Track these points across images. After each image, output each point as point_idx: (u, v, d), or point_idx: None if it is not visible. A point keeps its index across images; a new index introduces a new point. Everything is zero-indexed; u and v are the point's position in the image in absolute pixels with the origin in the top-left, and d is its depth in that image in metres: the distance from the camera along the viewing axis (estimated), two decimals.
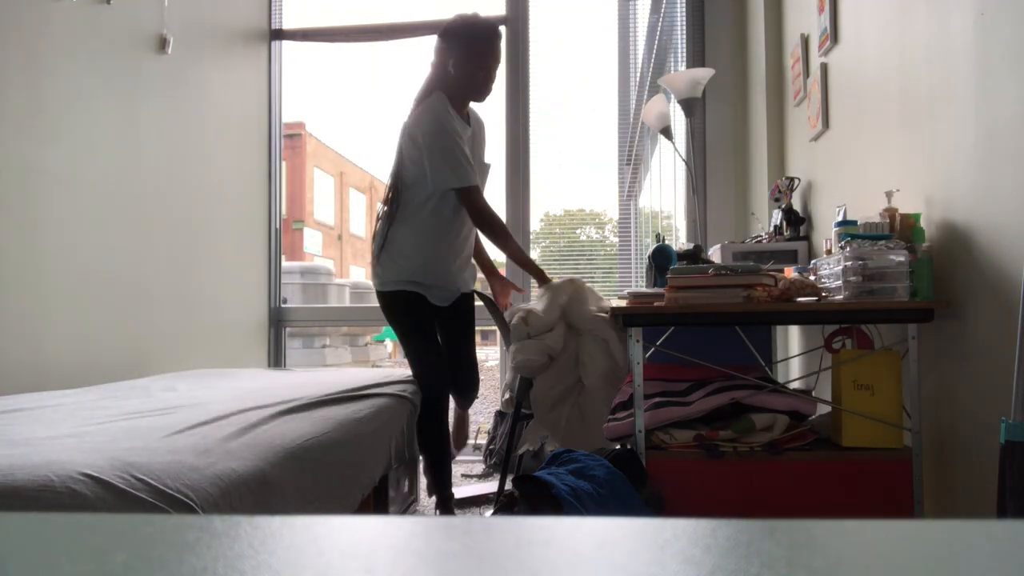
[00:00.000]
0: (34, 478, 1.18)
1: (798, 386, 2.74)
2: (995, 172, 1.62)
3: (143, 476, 1.24)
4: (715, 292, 1.99)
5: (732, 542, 0.31)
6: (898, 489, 1.94)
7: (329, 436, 1.81)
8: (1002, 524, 0.33)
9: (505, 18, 4.11)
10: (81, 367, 2.79)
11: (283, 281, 4.40)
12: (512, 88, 4.10)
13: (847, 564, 0.30)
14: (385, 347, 12.83)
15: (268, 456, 1.51)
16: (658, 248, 2.64)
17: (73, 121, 2.82)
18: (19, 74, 2.59)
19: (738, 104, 3.89)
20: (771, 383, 2.22)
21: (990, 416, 1.64)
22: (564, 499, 1.78)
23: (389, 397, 2.37)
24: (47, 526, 0.35)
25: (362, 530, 0.34)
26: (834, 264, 2.00)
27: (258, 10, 4.25)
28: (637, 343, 2.08)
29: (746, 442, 2.04)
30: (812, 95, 2.88)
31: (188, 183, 3.55)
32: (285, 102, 4.39)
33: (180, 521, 0.35)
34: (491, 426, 3.66)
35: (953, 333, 1.86)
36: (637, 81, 4.33)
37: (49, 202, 2.70)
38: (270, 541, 0.32)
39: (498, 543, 0.32)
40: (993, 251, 1.65)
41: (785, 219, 2.99)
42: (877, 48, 2.27)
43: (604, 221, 5.40)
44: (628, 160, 4.28)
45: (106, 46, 3.02)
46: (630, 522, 0.34)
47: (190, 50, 3.55)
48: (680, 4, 4.00)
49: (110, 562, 0.30)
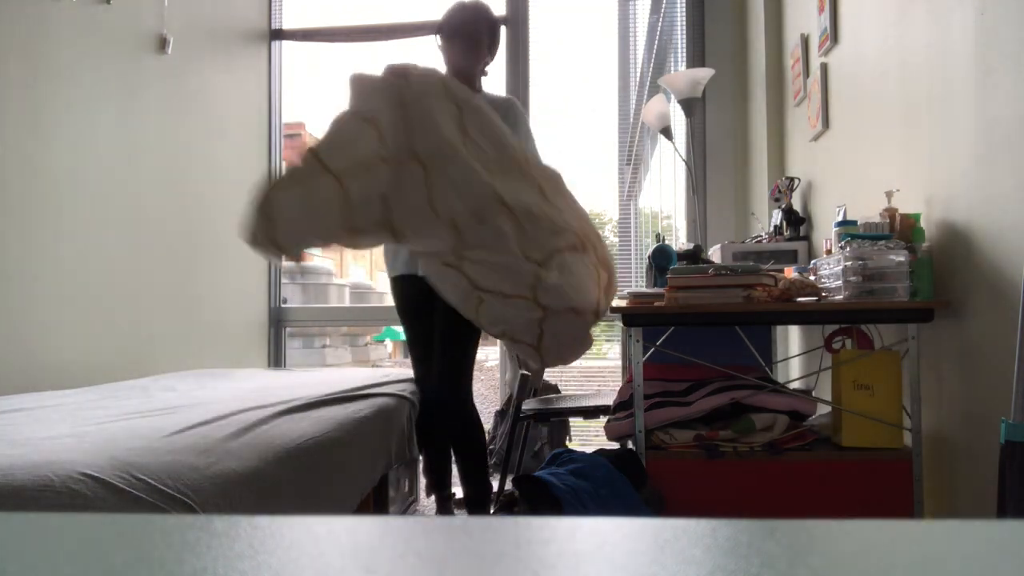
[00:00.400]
0: (34, 478, 1.18)
1: (798, 386, 2.74)
2: (995, 172, 1.62)
3: (143, 476, 1.24)
4: (715, 292, 1.99)
5: (732, 542, 0.31)
6: (898, 489, 1.94)
7: (329, 436, 1.81)
8: (1002, 524, 0.33)
9: (505, 18, 4.11)
10: (81, 367, 2.79)
11: (283, 281, 4.40)
12: (512, 88, 4.10)
13: (847, 564, 0.30)
14: (385, 347, 12.82)
15: (268, 456, 1.51)
16: (658, 248, 2.64)
17: (73, 121, 2.82)
18: (19, 74, 2.59)
19: (738, 104, 3.88)
20: (771, 383, 2.22)
21: (990, 416, 1.64)
22: (564, 499, 1.78)
23: (389, 397, 2.37)
24: (47, 526, 0.35)
25: (362, 530, 0.34)
26: (834, 264, 2.00)
27: (258, 10, 4.24)
28: (637, 343, 2.08)
29: (746, 442, 2.04)
30: (812, 95, 2.88)
31: (188, 183, 3.55)
32: (285, 102, 4.39)
33: (180, 521, 0.35)
34: (491, 426, 3.66)
35: (953, 333, 1.86)
36: (637, 81, 4.33)
37: (49, 202, 2.70)
38: (270, 541, 0.32)
39: (498, 543, 0.32)
40: (993, 251, 1.65)
41: (785, 219, 2.99)
42: (877, 48, 2.27)
43: (604, 221, 5.40)
44: (628, 160, 4.28)
45: (106, 46, 3.02)
46: (630, 522, 0.34)
47: (190, 50, 3.55)
48: (680, 4, 4.00)
49: (110, 562, 0.30)
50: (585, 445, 3.99)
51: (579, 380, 4.67)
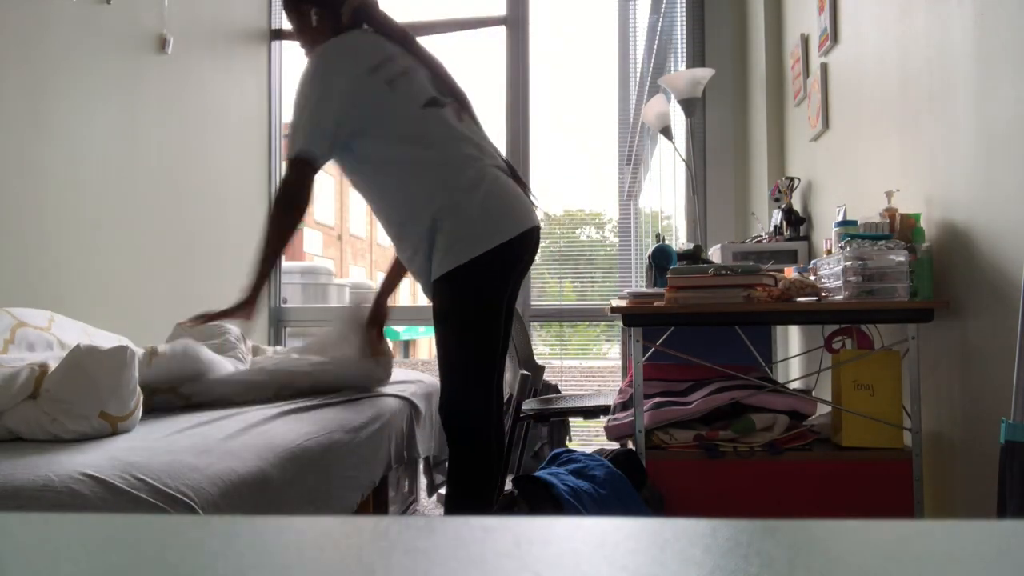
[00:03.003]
0: (34, 478, 1.18)
1: (798, 386, 2.74)
2: (995, 172, 1.62)
3: (143, 476, 1.24)
4: (715, 292, 1.99)
5: (732, 542, 0.31)
6: (898, 489, 1.94)
7: (329, 436, 1.81)
8: (1002, 524, 0.33)
9: (505, 18, 4.11)
10: None
11: (283, 281, 4.40)
12: (512, 88, 4.10)
13: (847, 564, 0.30)
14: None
15: (268, 456, 1.51)
16: (658, 248, 2.64)
17: (73, 121, 2.82)
18: (19, 74, 2.59)
19: (738, 104, 3.88)
20: (771, 383, 2.22)
21: (990, 416, 1.64)
22: (564, 499, 1.78)
23: (390, 397, 2.37)
24: (47, 526, 0.35)
25: (362, 530, 0.34)
26: (834, 264, 2.00)
27: (258, 10, 4.25)
28: (637, 343, 2.08)
29: (746, 442, 2.04)
30: (812, 95, 2.88)
31: (188, 183, 3.55)
32: (285, 102, 4.40)
33: (180, 521, 0.35)
34: None
35: (953, 333, 1.86)
36: (637, 81, 4.33)
37: (48, 202, 2.70)
38: (270, 541, 0.32)
39: (498, 543, 0.32)
40: (993, 251, 1.65)
41: (785, 219, 2.99)
42: (877, 48, 2.27)
43: (604, 221, 5.40)
44: (628, 160, 4.28)
45: (106, 46, 3.02)
46: (630, 522, 0.34)
47: (190, 50, 3.55)
48: (680, 4, 4.00)
49: (110, 562, 0.30)
50: (585, 445, 3.99)
51: (579, 380, 4.67)
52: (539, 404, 2.94)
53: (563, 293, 4.47)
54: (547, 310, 4.21)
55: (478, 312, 1.85)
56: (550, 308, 4.22)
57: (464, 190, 1.83)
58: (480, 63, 5.03)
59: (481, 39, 4.97)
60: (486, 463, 1.89)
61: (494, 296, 1.86)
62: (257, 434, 1.63)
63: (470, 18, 4.22)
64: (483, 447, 1.88)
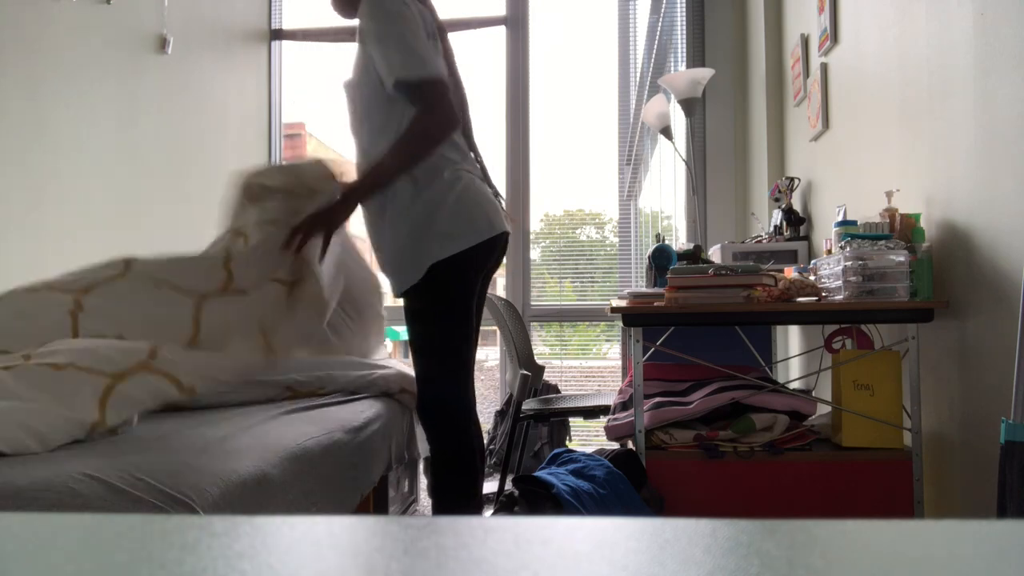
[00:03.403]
0: (34, 478, 1.18)
1: (798, 386, 2.74)
2: (995, 172, 1.62)
3: (143, 476, 1.23)
4: (715, 292, 1.99)
5: (732, 542, 0.31)
6: (898, 489, 1.94)
7: (329, 436, 1.81)
8: (1002, 524, 0.33)
9: (505, 18, 4.11)
10: None
11: None
12: (512, 88, 4.10)
13: (847, 564, 0.30)
14: (385, 347, 12.81)
15: (268, 456, 1.51)
16: (658, 248, 2.64)
17: (73, 121, 2.82)
18: (19, 74, 2.59)
19: (738, 104, 3.89)
20: (771, 383, 2.22)
21: (990, 416, 1.64)
22: (564, 499, 1.78)
23: (390, 397, 2.37)
24: (47, 526, 0.35)
25: (362, 530, 0.34)
26: (834, 264, 2.00)
27: (258, 10, 4.25)
28: (637, 343, 2.08)
29: (746, 442, 2.04)
30: (812, 95, 2.88)
31: (188, 183, 3.55)
32: (285, 102, 4.40)
33: (180, 521, 0.35)
34: (491, 426, 3.66)
35: (953, 333, 1.86)
36: (637, 81, 4.33)
37: (48, 202, 2.70)
38: (270, 541, 0.32)
39: (498, 543, 0.32)
40: (993, 251, 1.65)
41: (785, 219, 2.99)
42: (877, 48, 2.27)
43: (604, 221, 5.40)
44: (628, 160, 4.28)
45: (106, 46, 3.02)
46: (630, 522, 0.34)
47: (190, 50, 3.55)
48: (680, 4, 4.00)
49: (110, 562, 0.30)
50: (585, 445, 3.99)
51: (579, 380, 4.67)
52: (539, 404, 2.94)
53: (563, 293, 4.47)
54: (547, 310, 4.21)
55: (452, 310, 1.87)
56: (550, 308, 4.22)
57: (438, 191, 1.83)
58: (480, 63, 5.03)
59: (481, 39, 4.97)
60: (469, 455, 1.91)
61: (466, 294, 1.88)
62: (257, 434, 1.63)
63: (470, 18, 4.23)
64: (465, 439, 1.91)
